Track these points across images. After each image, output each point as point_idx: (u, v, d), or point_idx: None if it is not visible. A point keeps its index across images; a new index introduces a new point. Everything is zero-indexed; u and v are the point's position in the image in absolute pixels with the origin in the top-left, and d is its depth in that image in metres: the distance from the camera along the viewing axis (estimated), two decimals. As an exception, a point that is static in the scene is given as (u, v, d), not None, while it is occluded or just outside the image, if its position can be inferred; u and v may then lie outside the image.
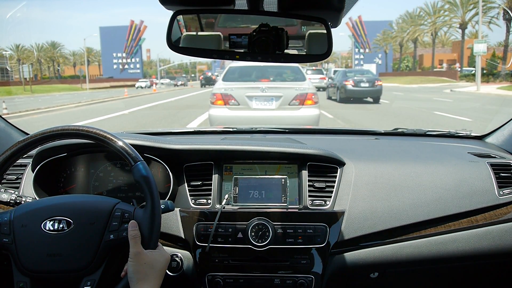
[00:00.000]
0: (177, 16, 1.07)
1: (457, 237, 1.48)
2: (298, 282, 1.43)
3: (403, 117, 11.79)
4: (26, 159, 1.57)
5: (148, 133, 1.78)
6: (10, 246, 1.09)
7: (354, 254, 1.47)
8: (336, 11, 1.06)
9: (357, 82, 15.60)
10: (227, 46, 1.11)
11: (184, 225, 1.46)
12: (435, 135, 2.14)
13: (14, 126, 1.93)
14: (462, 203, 1.49)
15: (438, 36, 50.87)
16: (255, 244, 1.40)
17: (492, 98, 18.37)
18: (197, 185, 1.50)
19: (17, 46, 47.74)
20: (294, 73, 6.91)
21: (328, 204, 1.46)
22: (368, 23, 64.09)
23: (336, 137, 2.20)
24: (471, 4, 39.73)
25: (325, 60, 3.32)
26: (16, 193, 1.32)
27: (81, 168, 1.59)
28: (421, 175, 1.53)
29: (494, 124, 2.03)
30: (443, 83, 31.99)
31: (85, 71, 48.85)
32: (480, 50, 20.03)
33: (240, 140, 1.61)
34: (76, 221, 1.11)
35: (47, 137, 1.14)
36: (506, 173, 1.56)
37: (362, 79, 15.71)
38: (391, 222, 1.46)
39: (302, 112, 6.19)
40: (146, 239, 1.09)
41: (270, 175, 1.51)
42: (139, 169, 1.11)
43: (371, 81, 15.78)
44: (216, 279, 1.44)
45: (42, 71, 63.35)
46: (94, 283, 1.08)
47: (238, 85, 6.45)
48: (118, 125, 11.04)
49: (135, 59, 69.72)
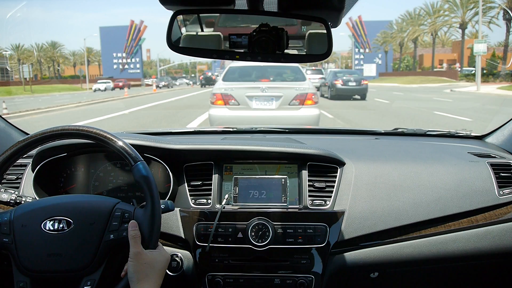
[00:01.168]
0: (177, 16, 1.07)
1: (457, 237, 1.48)
2: (298, 282, 1.43)
3: (403, 117, 11.79)
4: (26, 159, 1.57)
5: (148, 133, 1.78)
6: (10, 246, 1.09)
7: (354, 254, 1.47)
8: (336, 11, 1.06)
9: (345, 81, 17.80)
10: (227, 46, 1.11)
11: (184, 225, 1.46)
12: (435, 135, 2.14)
13: (14, 126, 1.93)
14: (462, 203, 1.49)
15: (438, 36, 50.93)
16: (255, 244, 1.40)
17: (492, 98, 18.38)
18: (197, 185, 1.50)
19: (17, 46, 47.82)
20: (294, 73, 6.91)
21: (328, 204, 1.46)
22: (368, 23, 64.04)
23: (336, 137, 2.20)
24: (471, 4, 39.73)
25: (325, 60, 3.32)
26: (16, 193, 1.32)
27: (81, 168, 1.59)
28: (421, 175, 1.53)
29: (494, 124, 2.03)
30: (443, 83, 32.01)
31: (85, 71, 48.71)
32: (480, 50, 20.07)
33: (240, 140, 1.61)
34: (76, 221, 1.11)
35: (47, 137, 1.14)
36: (506, 173, 1.56)
37: (350, 79, 17.85)
38: (391, 222, 1.46)
39: (302, 112, 6.19)
40: (146, 239, 1.09)
41: (270, 175, 1.51)
42: (139, 169, 1.11)
43: (358, 81, 17.90)
44: (216, 279, 1.44)
45: (42, 71, 63.39)
46: (94, 283, 1.08)
47: (238, 85, 6.45)
48: (118, 125, 11.05)
49: (135, 59, 69.65)
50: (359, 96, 18.23)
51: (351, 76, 18.30)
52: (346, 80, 17.83)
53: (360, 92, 18.17)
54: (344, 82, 17.78)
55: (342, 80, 17.86)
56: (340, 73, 19.50)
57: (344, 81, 17.81)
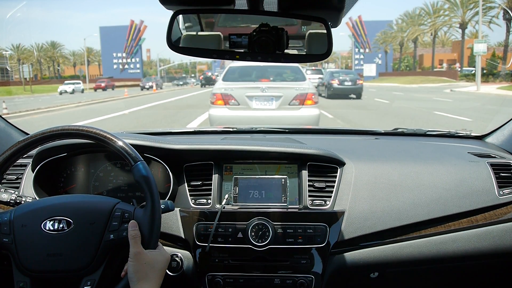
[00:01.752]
0: (177, 16, 1.07)
1: (457, 237, 1.48)
2: (298, 282, 1.43)
3: (403, 117, 11.79)
4: (26, 159, 1.57)
5: (148, 133, 1.78)
6: (10, 246, 1.09)
7: (354, 254, 1.47)
8: (336, 11, 1.06)
9: (341, 81, 18.76)
10: (227, 46, 1.11)
11: (184, 225, 1.46)
12: (435, 135, 2.14)
13: (14, 126, 1.93)
14: (462, 203, 1.49)
15: (438, 36, 50.92)
16: (255, 244, 1.40)
17: (492, 98, 18.38)
18: (197, 185, 1.50)
19: (17, 46, 47.80)
20: (294, 73, 6.91)
21: (328, 204, 1.46)
22: (368, 23, 64.01)
23: (336, 137, 2.20)
24: (471, 4, 39.73)
25: (325, 60, 3.32)
26: (16, 193, 1.32)
27: (81, 168, 1.59)
28: (421, 175, 1.53)
29: (494, 124, 2.03)
30: (443, 83, 32.01)
31: (85, 71, 48.68)
32: (480, 50, 20.09)
33: (240, 140, 1.61)
34: (76, 221, 1.11)
35: (47, 137, 1.14)
36: (506, 173, 1.56)
37: (346, 79, 18.79)
38: (391, 222, 1.46)
39: (302, 112, 6.19)
40: (146, 239, 1.09)
41: (270, 175, 1.51)
42: (139, 169, 1.11)
43: (353, 80, 18.86)
44: (216, 279, 1.44)
45: (42, 71, 63.38)
46: (94, 283, 1.08)
47: (238, 85, 6.45)
48: (118, 125, 11.05)
49: (135, 59, 69.60)
50: (355, 95, 19.01)
51: (347, 76, 19.22)
52: (342, 79, 18.77)
53: (355, 91, 19.00)
54: (340, 81, 18.74)
55: (339, 79, 18.81)
56: (337, 73, 20.45)
57: (340, 81, 18.76)
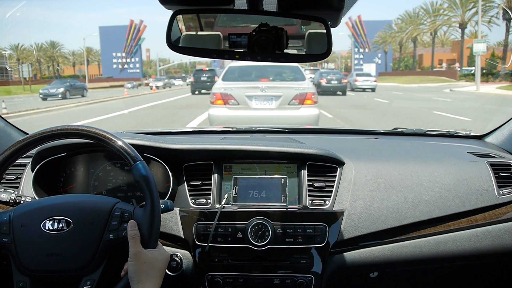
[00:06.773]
0: (176, 16, 1.07)
1: (456, 236, 1.48)
2: (298, 281, 1.43)
3: (402, 117, 11.79)
4: (25, 158, 1.56)
5: (148, 133, 1.78)
6: (10, 245, 1.09)
7: (353, 253, 1.47)
8: (336, 11, 1.06)
9: (329, 80, 22.00)
10: (226, 45, 1.11)
11: (184, 225, 1.46)
12: (434, 134, 2.14)
13: (13, 126, 1.93)
14: (462, 202, 1.49)
15: (438, 35, 50.90)
16: (255, 243, 1.40)
17: (491, 98, 18.39)
18: (197, 184, 1.50)
19: (16, 46, 47.74)
20: (294, 72, 6.91)
21: (327, 204, 1.46)
22: (367, 22, 64.03)
23: (335, 137, 2.20)
24: (471, 3, 39.73)
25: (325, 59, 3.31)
26: (15, 193, 1.32)
27: (81, 168, 1.59)
28: (421, 174, 1.53)
29: (493, 124, 2.03)
30: (443, 83, 32.02)
31: (84, 71, 48.66)
32: (479, 50, 20.12)
33: (239, 140, 1.61)
34: (75, 221, 1.11)
35: (46, 136, 1.14)
36: (505, 172, 1.56)
37: (332, 78, 22.15)
38: (391, 221, 1.46)
39: (301, 111, 6.19)
40: (145, 239, 1.09)
41: (270, 175, 1.51)
42: (139, 169, 1.11)
43: (339, 79, 22.23)
44: (215, 279, 1.44)
45: (42, 71, 63.28)
46: (94, 282, 1.08)
47: (237, 85, 6.45)
48: (118, 124, 11.03)
49: (134, 58, 69.59)
50: (340, 92, 22.36)
51: (333, 75, 22.65)
52: (330, 79, 22.05)
53: (341, 89, 22.38)
54: (328, 80, 21.94)
55: (326, 79, 22.04)
56: (325, 73, 23.78)
57: (327, 80, 21.97)
